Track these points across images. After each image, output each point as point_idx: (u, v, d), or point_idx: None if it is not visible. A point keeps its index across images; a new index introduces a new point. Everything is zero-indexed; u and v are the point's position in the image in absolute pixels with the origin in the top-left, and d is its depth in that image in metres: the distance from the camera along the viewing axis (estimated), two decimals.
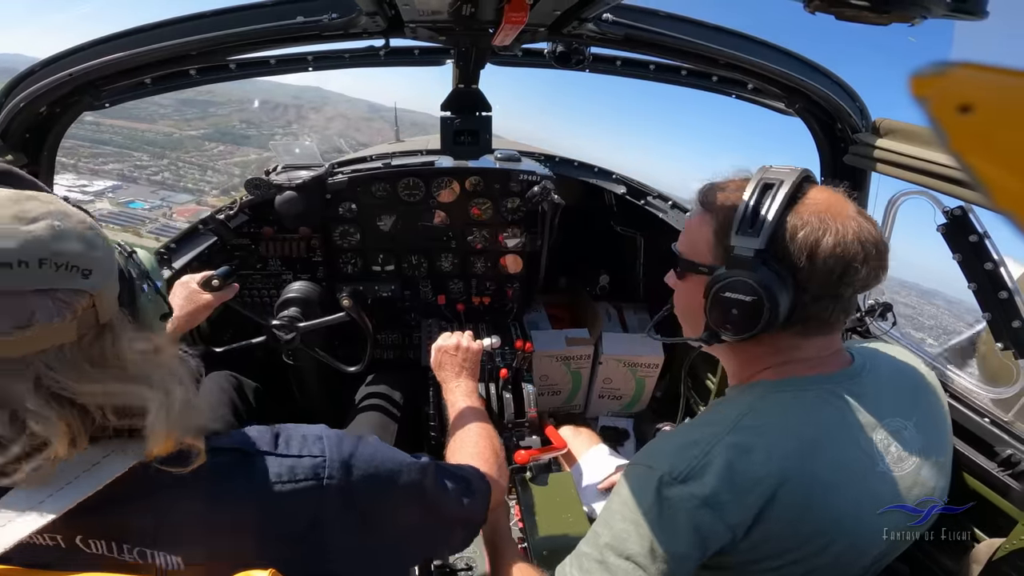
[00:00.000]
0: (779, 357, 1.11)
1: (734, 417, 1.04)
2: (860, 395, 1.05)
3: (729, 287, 1.03)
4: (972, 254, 1.46)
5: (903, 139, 1.58)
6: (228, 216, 2.45)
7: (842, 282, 1.00)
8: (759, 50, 1.67)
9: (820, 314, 1.04)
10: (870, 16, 0.66)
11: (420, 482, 1.08)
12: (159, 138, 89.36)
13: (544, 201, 2.50)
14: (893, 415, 1.06)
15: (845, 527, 0.99)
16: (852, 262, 0.98)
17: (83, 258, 0.76)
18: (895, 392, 1.11)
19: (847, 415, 1.03)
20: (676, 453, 1.02)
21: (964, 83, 0.35)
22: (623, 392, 2.93)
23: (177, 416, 0.82)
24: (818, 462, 0.98)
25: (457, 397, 1.75)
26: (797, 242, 0.99)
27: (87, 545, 0.80)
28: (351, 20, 1.53)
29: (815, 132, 1.89)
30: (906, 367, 1.20)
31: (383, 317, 2.86)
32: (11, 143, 1.75)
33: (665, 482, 0.99)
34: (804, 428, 1.01)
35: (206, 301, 1.82)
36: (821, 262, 0.98)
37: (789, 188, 1.01)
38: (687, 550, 0.96)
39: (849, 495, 0.99)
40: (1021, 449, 1.41)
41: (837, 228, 0.98)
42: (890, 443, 1.03)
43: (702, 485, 0.96)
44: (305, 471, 0.91)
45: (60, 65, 1.63)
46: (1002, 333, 1.46)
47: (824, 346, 1.09)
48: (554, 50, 1.97)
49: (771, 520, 0.96)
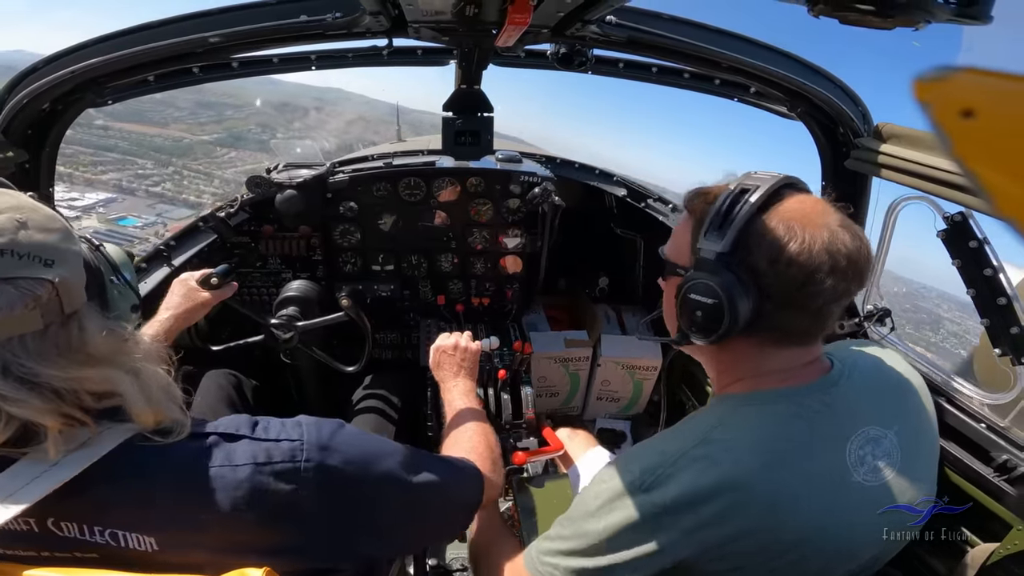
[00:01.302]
0: (750, 365, 1.10)
1: (703, 430, 1.04)
2: (833, 405, 1.03)
3: (693, 288, 1.04)
4: (972, 260, 1.47)
5: (905, 144, 1.58)
6: (228, 214, 2.45)
7: (804, 292, 0.97)
8: (762, 53, 1.67)
9: (788, 324, 1.03)
10: (874, 20, 0.66)
11: (402, 465, 1.08)
12: (167, 144, 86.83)
13: (544, 202, 2.50)
14: (871, 423, 1.04)
15: (813, 539, 0.98)
16: (816, 272, 0.96)
17: (45, 249, 0.79)
18: (875, 399, 1.09)
19: (817, 427, 1.02)
20: (644, 462, 1.03)
21: (967, 88, 0.35)
22: (621, 394, 2.93)
23: (152, 394, 0.86)
24: (784, 475, 0.97)
25: (455, 397, 1.75)
26: (761, 247, 0.98)
27: (59, 528, 0.81)
28: (354, 19, 1.54)
29: (816, 136, 1.89)
30: (890, 372, 1.18)
31: (382, 317, 2.85)
32: (12, 139, 1.75)
33: (630, 489, 1.00)
34: (771, 442, 1.00)
35: (204, 299, 1.82)
36: (783, 269, 0.97)
37: (762, 193, 1.00)
38: (644, 558, 0.98)
39: (817, 507, 0.98)
40: (1017, 454, 1.41)
41: (804, 237, 0.96)
42: (865, 453, 1.02)
43: (663, 494, 0.97)
44: (282, 453, 0.92)
45: (64, 62, 1.63)
46: (1000, 339, 1.46)
47: (796, 357, 1.07)
48: (557, 52, 1.98)
49: (734, 532, 0.96)
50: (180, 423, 0.89)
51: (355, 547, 1.01)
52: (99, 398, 0.83)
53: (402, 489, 1.08)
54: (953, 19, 0.65)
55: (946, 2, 0.64)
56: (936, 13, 0.65)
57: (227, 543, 0.86)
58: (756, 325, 1.01)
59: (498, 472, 1.45)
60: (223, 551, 0.85)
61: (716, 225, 1.02)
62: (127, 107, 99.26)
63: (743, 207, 1.00)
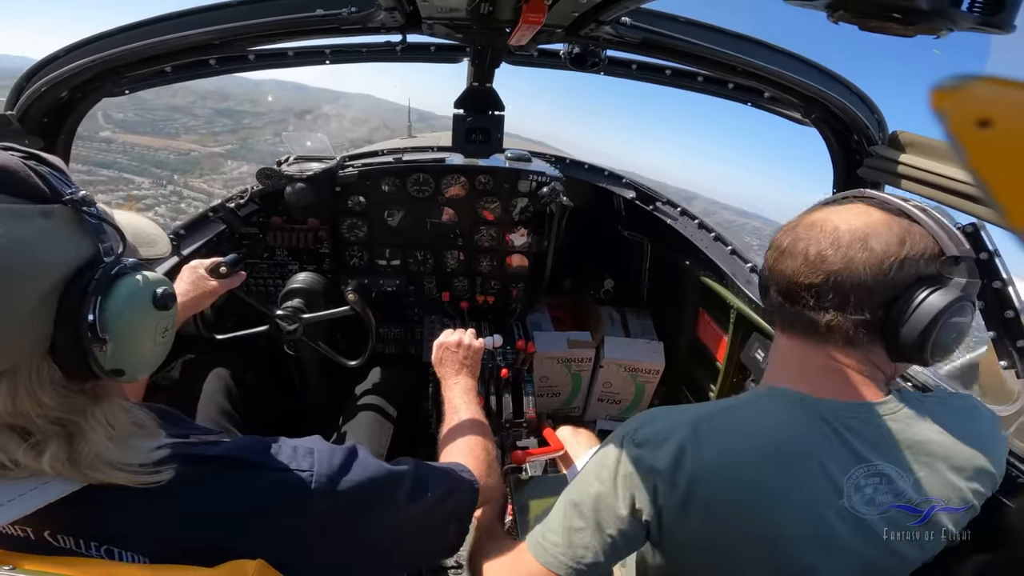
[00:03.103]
0: (780, 357, 1.15)
1: (713, 410, 1.08)
2: (858, 431, 1.01)
3: None
4: (981, 272, 1.46)
5: (919, 153, 1.57)
6: (238, 204, 2.47)
7: (792, 282, 1.04)
8: (777, 58, 1.67)
9: (796, 316, 1.06)
10: (895, 27, 0.65)
11: (409, 493, 1.07)
12: (171, 159, 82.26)
13: (553, 202, 2.50)
14: (893, 462, 1.00)
15: (779, 546, 0.98)
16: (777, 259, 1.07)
17: None
18: (914, 443, 1.02)
19: (829, 441, 1.00)
20: (649, 422, 1.09)
21: (984, 97, 0.35)
22: (622, 396, 2.93)
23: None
24: (769, 473, 0.97)
25: (455, 394, 1.75)
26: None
27: (55, 539, 0.81)
28: (369, 14, 1.54)
29: (830, 143, 1.88)
30: (957, 428, 1.06)
31: (386, 311, 2.86)
32: (29, 127, 1.77)
33: (627, 441, 1.07)
34: (771, 438, 1.00)
35: (212, 288, 1.83)
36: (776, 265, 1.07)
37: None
38: (625, 512, 1.05)
39: (792, 516, 0.97)
40: (1017, 465, 1.41)
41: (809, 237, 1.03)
42: (867, 483, 0.99)
43: (653, 456, 1.02)
44: (291, 485, 0.90)
45: (85, 51, 1.64)
46: (1005, 352, 1.46)
47: (824, 358, 1.05)
48: (570, 52, 1.98)
49: (703, 514, 0.99)
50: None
51: (351, 571, 1.01)
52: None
53: (408, 517, 1.08)
54: (976, 27, 0.65)
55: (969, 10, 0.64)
56: (958, 21, 0.64)
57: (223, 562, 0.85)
58: (780, 314, 1.11)
59: (494, 476, 1.44)
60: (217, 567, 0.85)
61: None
62: (140, 116, 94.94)
63: None
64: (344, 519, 0.95)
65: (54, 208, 0.76)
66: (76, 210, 0.78)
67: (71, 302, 0.75)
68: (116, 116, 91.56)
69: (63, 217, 0.77)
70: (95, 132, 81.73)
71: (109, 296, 0.78)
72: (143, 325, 0.84)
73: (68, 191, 0.78)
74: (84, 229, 0.79)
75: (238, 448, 0.93)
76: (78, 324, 0.75)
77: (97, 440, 0.79)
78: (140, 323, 0.83)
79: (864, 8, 0.66)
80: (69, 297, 0.75)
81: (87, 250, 0.79)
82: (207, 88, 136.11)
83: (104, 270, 0.78)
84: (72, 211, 0.78)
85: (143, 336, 0.84)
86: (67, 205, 0.77)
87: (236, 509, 0.86)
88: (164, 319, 0.88)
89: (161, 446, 0.86)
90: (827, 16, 0.71)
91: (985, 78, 0.35)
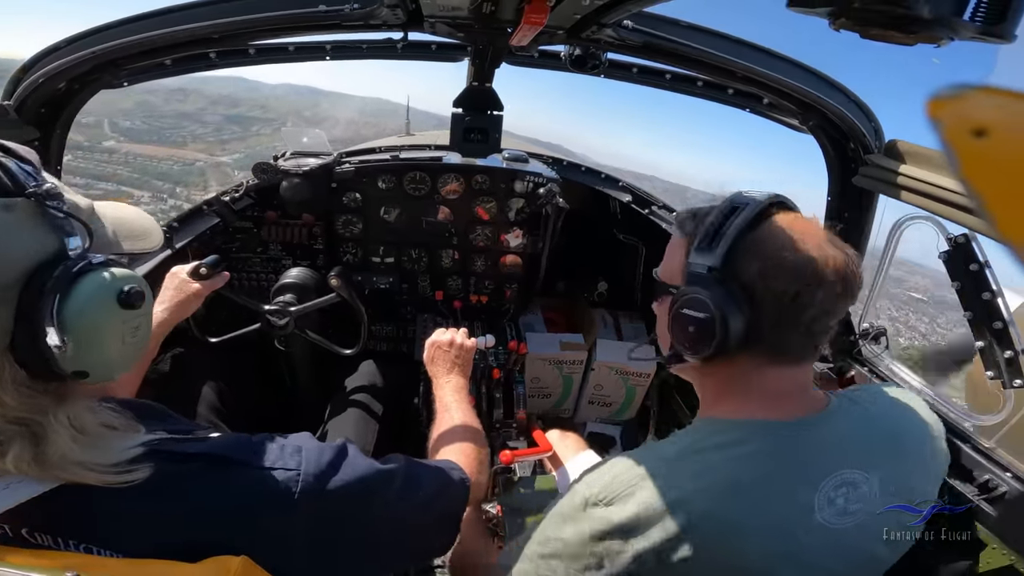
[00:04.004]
0: (738, 387, 1.09)
1: (673, 453, 1.05)
2: (813, 445, 1.02)
3: (685, 303, 1.04)
4: (971, 283, 1.47)
5: (914, 162, 1.58)
6: (233, 198, 2.46)
7: (795, 306, 0.98)
8: (777, 64, 1.67)
9: (778, 340, 1.03)
10: (896, 36, 0.66)
11: (400, 491, 1.06)
12: (175, 169, 78.63)
13: (549, 204, 2.51)
14: (852, 467, 1.02)
15: (766, 573, 0.98)
16: (806, 286, 0.97)
17: None
18: (863, 442, 1.06)
19: (789, 464, 1.00)
20: (609, 477, 1.04)
21: (981, 107, 0.36)
22: (613, 399, 2.94)
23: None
24: (740, 507, 0.97)
25: (446, 393, 1.75)
26: (752, 262, 1.00)
27: (33, 537, 0.80)
28: (372, 11, 1.54)
29: (827, 151, 1.88)
30: (893, 417, 1.14)
31: (379, 309, 2.86)
32: (25, 117, 1.75)
33: (590, 503, 1.02)
34: (735, 474, 0.99)
35: (196, 290, 1.81)
36: (773, 283, 0.98)
37: (752, 210, 1.02)
38: (593, 569, 1.00)
39: (770, 542, 0.97)
40: (999, 475, 1.43)
41: (794, 251, 0.98)
42: (837, 495, 0.99)
43: (620, 511, 0.98)
44: (277, 485, 0.88)
45: (85, 43, 1.63)
46: (992, 362, 1.47)
47: (786, 379, 1.06)
48: (571, 53, 1.98)
49: (682, 559, 0.96)
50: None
51: (339, 571, 1.00)
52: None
53: (397, 516, 1.07)
54: (976, 37, 0.66)
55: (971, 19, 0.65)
56: (960, 30, 0.65)
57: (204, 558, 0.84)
58: (748, 342, 1.01)
59: (484, 474, 1.45)
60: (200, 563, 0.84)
61: (707, 241, 1.03)
62: (147, 124, 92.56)
63: (733, 223, 1.01)
64: (333, 519, 0.94)
65: (16, 201, 0.74)
66: (40, 204, 0.76)
67: (30, 299, 0.74)
68: (123, 124, 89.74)
69: (25, 211, 0.75)
70: (98, 142, 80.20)
71: (69, 295, 0.76)
72: (106, 325, 0.81)
73: (32, 184, 0.76)
74: (48, 224, 0.77)
75: (222, 446, 0.91)
76: (35, 323, 0.73)
77: (61, 441, 0.77)
78: (103, 323, 0.81)
79: (866, 16, 0.67)
80: (29, 293, 0.74)
81: (51, 245, 0.77)
82: (219, 93, 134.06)
83: (65, 267, 0.76)
84: (35, 205, 0.76)
85: (107, 336, 0.82)
86: (30, 199, 0.75)
87: (219, 508, 0.85)
88: (132, 318, 0.85)
89: (139, 444, 0.84)
90: (829, 23, 0.71)
91: (982, 88, 0.35)
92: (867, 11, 0.66)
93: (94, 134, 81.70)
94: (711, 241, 1.02)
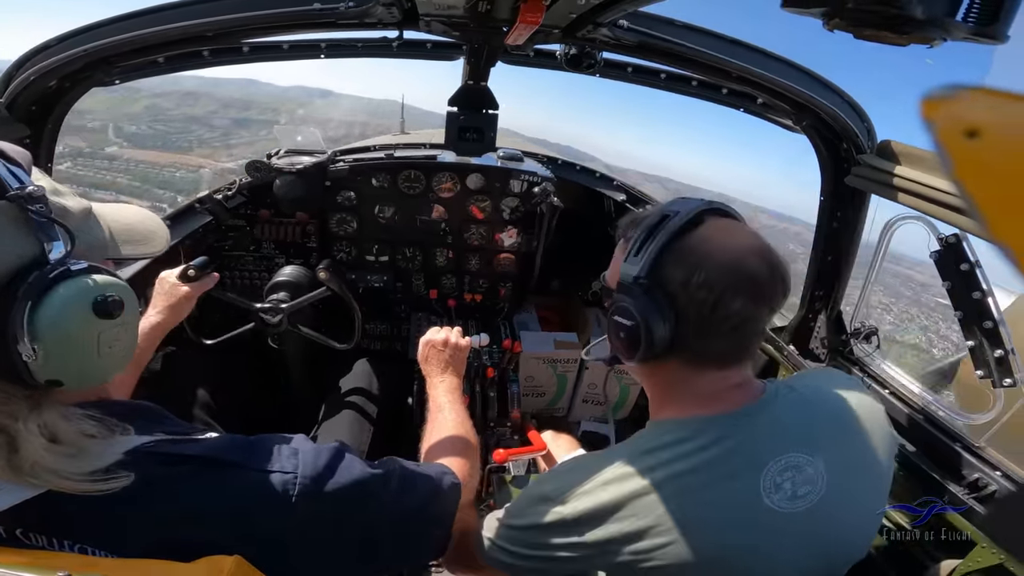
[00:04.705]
0: (677, 389, 1.12)
1: (626, 454, 1.07)
2: (753, 432, 1.03)
3: (615, 311, 1.09)
4: (962, 282, 1.49)
5: (907, 163, 1.59)
6: (226, 196, 2.44)
7: (716, 315, 0.99)
8: (771, 64, 1.68)
9: (705, 347, 1.04)
10: (889, 36, 0.66)
11: (395, 495, 1.07)
12: (176, 177, 75.76)
13: (543, 203, 2.51)
14: (795, 450, 1.02)
15: (721, 561, 0.99)
16: (723, 295, 0.98)
17: None
18: (804, 426, 1.07)
19: (732, 454, 1.01)
20: (567, 476, 1.09)
21: (973, 108, 0.36)
22: (607, 398, 2.94)
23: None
24: (690, 502, 0.99)
25: (439, 392, 1.74)
26: (675, 271, 1.01)
27: (27, 537, 0.79)
28: (367, 10, 1.53)
29: (819, 151, 1.89)
30: (832, 399, 1.14)
31: (373, 307, 2.85)
32: (16, 115, 1.75)
33: (551, 496, 1.07)
34: (682, 468, 1.01)
35: (186, 292, 1.79)
36: (694, 292, 0.99)
37: (680, 219, 1.03)
38: (548, 559, 1.07)
39: (722, 530, 0.98)
40: (988, 473, 1.44)
41: (712, 261, 0.99)
42: (784, 480, 1.00)
43: (573, 508, 1.03)
44: (273, 487, 0.88)
45: (77, 40, 1.62)
46: (982, 361, 1.49)
47: (719, 380, 1.08)
48: (566, 53, 1.98)
49: (635, 556, 0.99)
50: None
51: (333, 573, 1.00)
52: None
53: (392, 519, 1.07)
54: (969, 38, 0.66)
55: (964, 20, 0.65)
56: (952, 31, 0.65)
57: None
58: (676, 348, 1.04)
59: (475, 477, 1.45)
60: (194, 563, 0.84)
61: (636, 250, 1.05)
62: (153, 128, 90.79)
63: (660, 232, 1.03)
64: (328, 521, 0.94)
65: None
66: (21, 207, 0.74)
67: (3, 306, 0.72)
68: (128, 129, 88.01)
69: (6, 214, 0.73)
70: (100, 148, 78.64)
71: (41, 302, 0.74)
72: (79, 334, 0.79)
73: (15, 186, 0.74)
74: (29, 228, 0.75)
75: (217, 447, 0.91)
76: (6, 331, 0.72)
77: (32, 449, 0.75)
78: (75, 332, 0.78)
79: (859, 16, 0.67)
80: (2, 300, 0.72)
81: (30, 250, 0.76)
82: (231, 96, 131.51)
83: (40, 274, 0.74)
84: (16, 208, 0.74)
85: (81, 346, 0.80)
86: (11, 201, 0.73)
87: (214, 509, 0.85)
88: (109, 327, 0.82)
89: (126, 449, 0.83)
90: (823, 24, 0.72)
91: (975, 89, 0.35)
92: (861, 12, 0.67)
93: (97, 139, 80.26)
94: (638, 250, 1.05)
